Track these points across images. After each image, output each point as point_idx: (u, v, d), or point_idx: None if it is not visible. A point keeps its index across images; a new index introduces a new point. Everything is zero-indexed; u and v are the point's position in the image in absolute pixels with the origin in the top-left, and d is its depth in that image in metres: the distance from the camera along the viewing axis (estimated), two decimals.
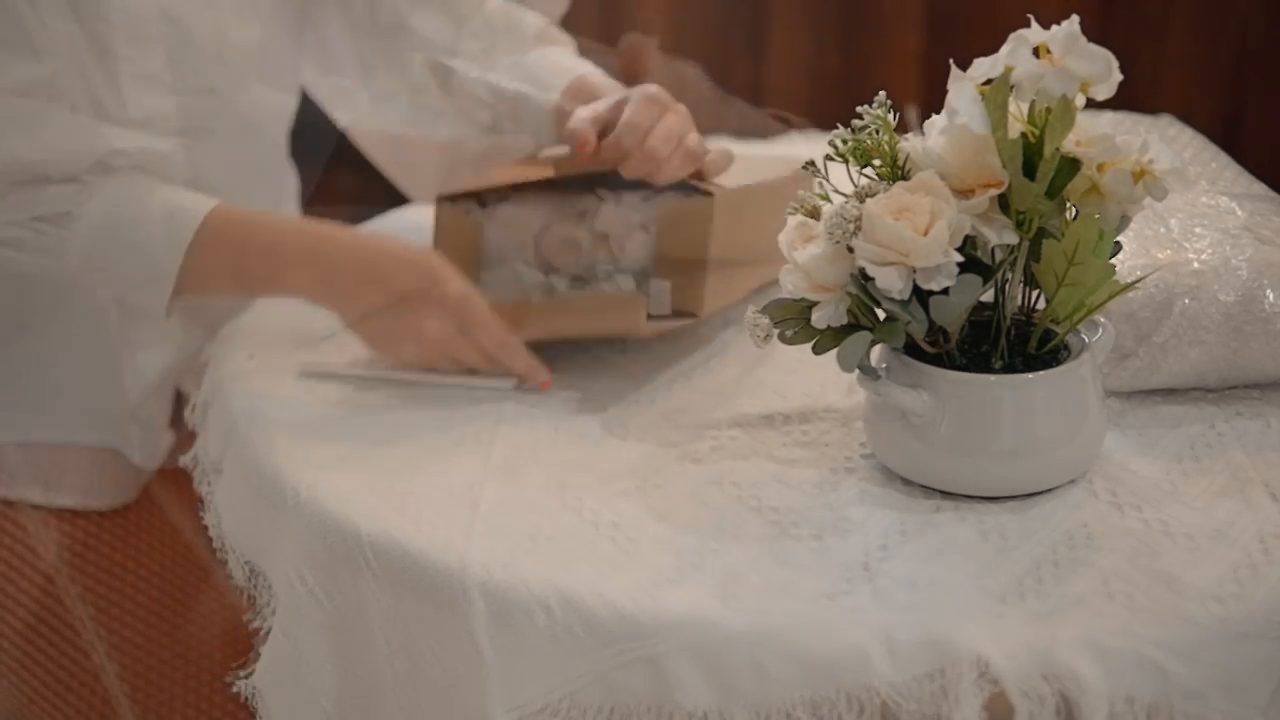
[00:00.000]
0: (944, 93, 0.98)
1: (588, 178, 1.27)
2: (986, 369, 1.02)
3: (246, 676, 1.13)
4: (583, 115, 1.25)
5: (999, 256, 1.00)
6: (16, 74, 1.22)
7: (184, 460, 1.30)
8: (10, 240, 1.22)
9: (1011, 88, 0.95)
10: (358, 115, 1.55)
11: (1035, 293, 1.04)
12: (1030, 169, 0.96)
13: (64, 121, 1.22)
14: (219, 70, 1.37)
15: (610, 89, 1.37)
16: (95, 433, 1.43)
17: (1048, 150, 0.95)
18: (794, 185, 1.29)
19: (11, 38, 1.22)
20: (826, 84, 2.45)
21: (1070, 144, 0.96)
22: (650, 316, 1.23)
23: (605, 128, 1.24)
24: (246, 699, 1.13)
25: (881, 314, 1.00)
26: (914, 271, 0.96)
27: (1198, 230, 1.16)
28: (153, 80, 1.32)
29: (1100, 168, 0.97)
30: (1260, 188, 1.28)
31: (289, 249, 1.24)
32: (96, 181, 1.23)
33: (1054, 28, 0.97)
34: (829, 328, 1.00)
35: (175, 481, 1.51)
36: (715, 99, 1.75)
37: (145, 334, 1.42)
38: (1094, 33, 0.96)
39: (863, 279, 0.98)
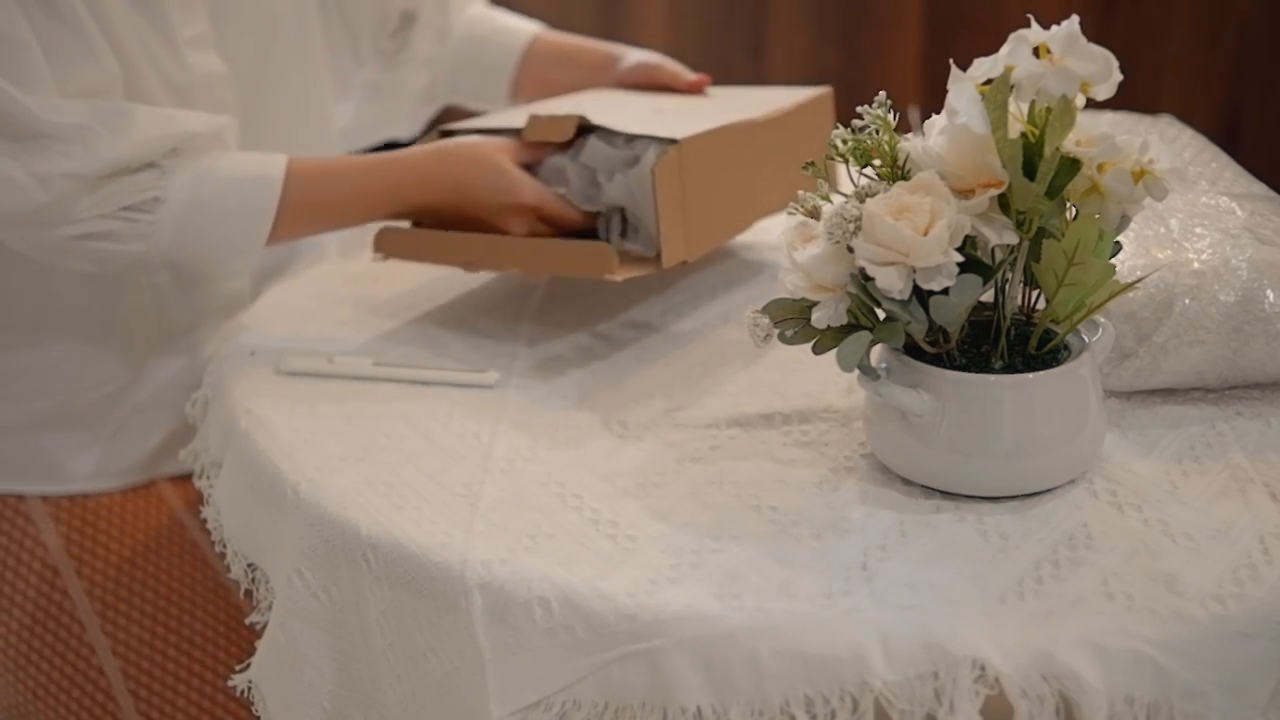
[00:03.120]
0: (944, 93, 0.98)
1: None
2: (986, 369, 1.02)
3: (243, 670, 1.13)
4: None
5: (999, 256, 1.00)
6: (82, 78, 1.26)
7: (184, 456, 1.31)
8: (104, 233, 1.25)
9: (1011, 88, 0.95)
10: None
11: (1035, 293, 1.04)
12: (1030, 169, 0.96)
13: (144, 114, 1.27)
14: (250, 24, 1.46)
15: (571, 43, 1.62)
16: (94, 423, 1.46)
17: (1048, 150, 0.95)
18: (766, 127, 1.35)
19: (71, 45, 1.26)
20: (826, 84, 2.44)
21: (1070, 144, 0.96)
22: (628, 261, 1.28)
23: None
24: (245, 696, 1.13)
25: (881, 314, 1.00)
26: (914, 271, 0.96)
27: (1198, 230, 1.16)
28: (203, 41, 1.40)
29: (1100, 168, 0.97)
30: (1260, 188, 1.28)
31: (370, 194, 1.30)
32: (171, 164, 1.27)
33: (1054, 28, 0.97)
34: (829, 328, 1.01)
35: (176, 478, 1.52)
36: None
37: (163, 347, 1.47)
38: (1094, 33, 0.96)
39: (863, 279, 0.98)
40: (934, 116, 1.01)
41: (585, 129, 1.31)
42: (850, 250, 0.98)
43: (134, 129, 1.24)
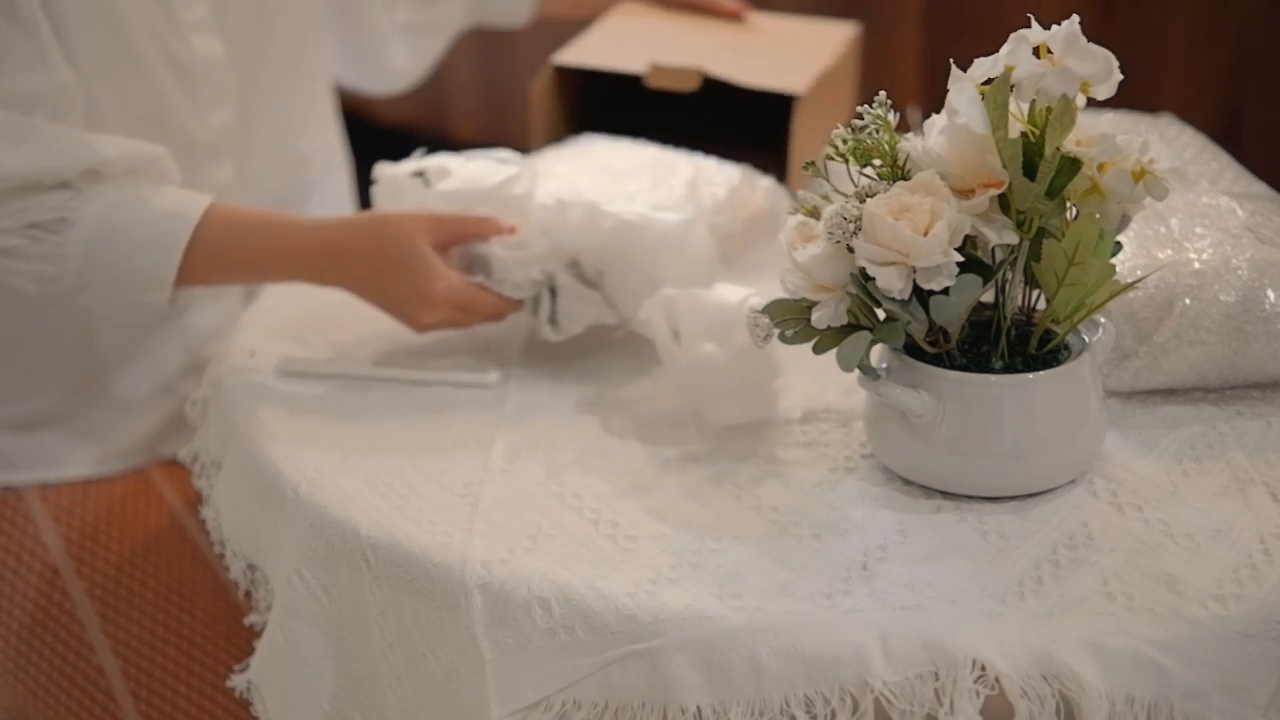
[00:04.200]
0: (944, 93, 0.98)
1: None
2: (986, 369, 1.02)
3: (243, 670, 1.13)
4: None
5: (999, 256, 1.00)
6: (22, 85, 1.24)
7: (183, 456, 1.31)
8: (8, 249, 1.23)
9: (1011, 88, 0.95)
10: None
11: (1035, 293, 1.04)
12: (1030, 169, 0.96)
13: (53, 133, 1.24)
14: (249, 7, 1.46)
15: None
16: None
17: (1048, 150, 0.95)
18: (831, 71, 1.44)
19: (19, 50, 1.24)
20: None
21: (1070, 144, 0.96)
22: None
23: None
24: (245, 696, 1.13)
25: (881, 314, 1.00)
26: (914, 271, 0.96)
27: (1198, 230, 1.16)
28: (206, 25, 1.40)
29: (1100, 168, 0.97)
30: (1260, 187, 1.28)
31: (284, 250, 1.26)
32: (90, 188, 1.24)
33: (1054, 28, 0.97)
34: (829, 328, 1.00)
35: (176, 477, 1.52)
36: None
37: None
38: (1094, 33, 0.96)
39: (863, 279, 0.98)
40: (934, 116, 1.01)
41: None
42: (850, 250, 0.98)
43: (33, 145, 1.22)
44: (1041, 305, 1.02)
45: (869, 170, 1.02)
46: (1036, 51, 0.96)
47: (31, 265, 1.24)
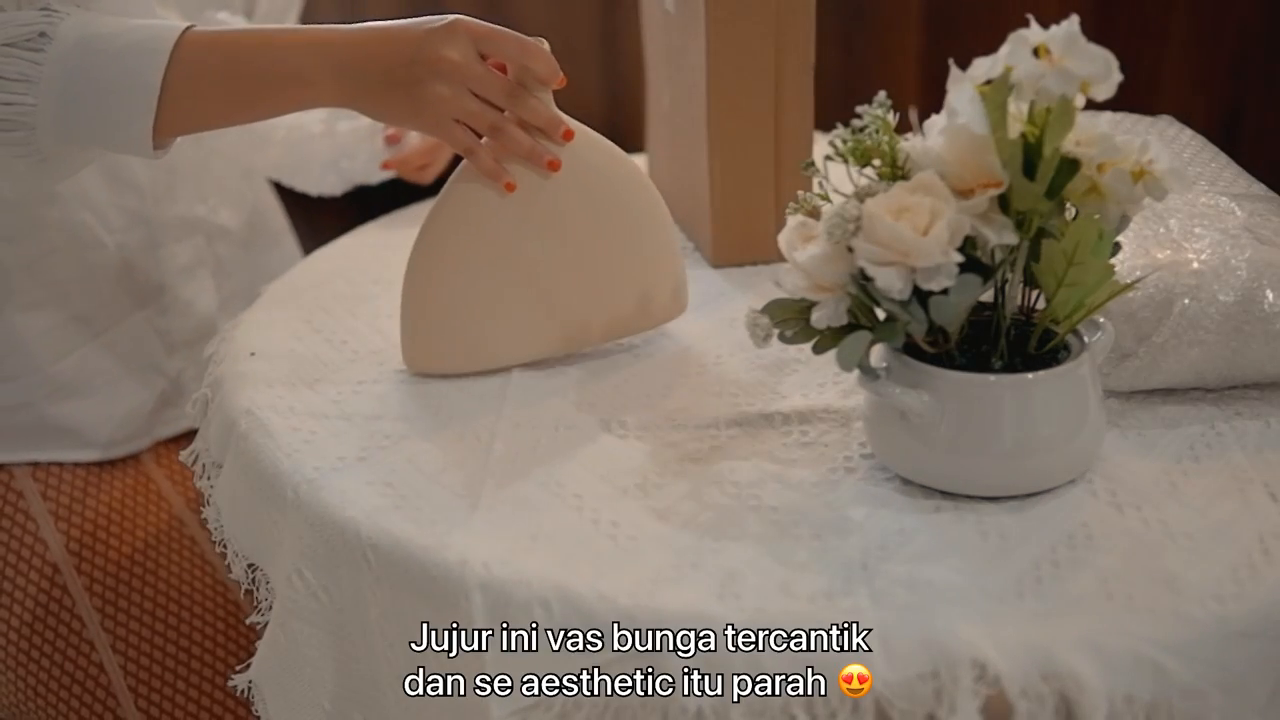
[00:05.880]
0: (944, 93, 0.98)
1: None
2: (986, 369, 1.02)
3: (244, 670, 1.13)
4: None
5: (999, 256, 1.00)
6: None
7: (184, 456, 1.31)
8: None
9: (1011, 88, 0.96)
10: None
11: (1035, 293, 1.04)
12: (1030, 169, 0.96)
13: None
14: None
15: None
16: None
17: (1047, 150, 0.95)
18: None
19: None
20: (826, 84, 2.44)
21: (1070, 144, 0.96)
22: None
23: None
24: (245, 695, 1.13)
25: (881, 314, 1.00)
26: (914, 271, 0.96)
27: (1197, 230, 1.16)
28: None
29: (1100, 168, 0.97)
30: (1259, 188, 1.28)
31: (279, 50, 1.18)
32: (65, 9, 1.17)
33: (1053, 28, 0.97)
34: (829, 328, 1.01)
35: (176, 476, 1.52)
36: None
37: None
38: (1093, 33, 0.96)
39: (863, 279, 0.98)
40: (934, 116, 1.01)
41: None
42: (850, 250, 0.98)
43: None
44: (1041, 305, 1.02)
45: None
46: (1036, 51, 0.96)
47: (4, 89, 1.15)
